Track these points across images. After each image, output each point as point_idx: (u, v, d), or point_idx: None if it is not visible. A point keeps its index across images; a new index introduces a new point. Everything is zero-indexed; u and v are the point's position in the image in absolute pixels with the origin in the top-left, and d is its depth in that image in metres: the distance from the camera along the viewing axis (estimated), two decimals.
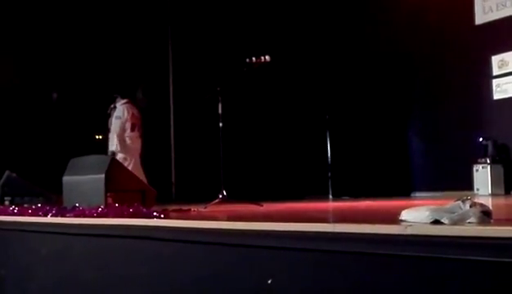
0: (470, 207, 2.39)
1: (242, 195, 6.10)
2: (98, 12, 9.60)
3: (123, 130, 7.99)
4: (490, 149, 8.53)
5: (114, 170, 5.24)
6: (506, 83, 8.65)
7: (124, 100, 8.14)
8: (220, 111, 6.32)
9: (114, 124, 8.02)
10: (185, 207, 5.19)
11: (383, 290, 2.30)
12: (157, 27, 10.26)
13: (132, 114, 8.07)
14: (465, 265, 2.05)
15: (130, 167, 7.74)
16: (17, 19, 9.13)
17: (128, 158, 7.89)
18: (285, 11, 10.32)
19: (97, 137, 9.52)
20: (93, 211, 4.43)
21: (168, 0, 10.37)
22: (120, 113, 8.05)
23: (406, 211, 2.61)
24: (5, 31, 9.02)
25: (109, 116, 8.24)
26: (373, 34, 10.09)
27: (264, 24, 10.09)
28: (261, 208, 5.53)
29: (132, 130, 8.03)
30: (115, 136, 7.92)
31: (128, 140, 7.99)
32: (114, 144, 7.97)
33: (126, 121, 8.04)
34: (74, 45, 9.44)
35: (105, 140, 8.86)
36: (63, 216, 4.51)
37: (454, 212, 2.36)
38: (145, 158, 8.30)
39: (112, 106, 8.22)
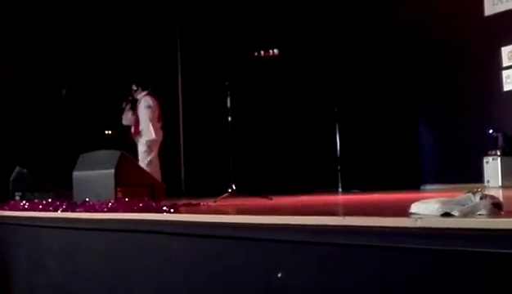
0: (481, 199, 2.38)
1: (251, 189, 6.10)
2: (107, 9, 9.60)
3: (155, 119, 7.93)
4: (500, 140, 8.48)
5: (124, 165, 5.26)
6: None
7: (145, 92, 8.09)
8: (229, 105, 6.31)
9: (145, 114, 7.87)
10: (194, 202, 5.21)
11: (393, 283, 2.30)
12: (165, 21, 10.25)
13: (157, 105, 8.04)
14: (476, 258, 2.04)
15: (152, 158, 7.78)
16: (26, 15, 9.15)
17: (154, 150, 7.89)
18: (293, 5, 10.28)
19: (107, 132, 9.55)
20: (103, 205, 4.45)
21: None
22: (149, 103, 7.93)
23: (415, 203, 2.60)
24: (14, 27, 9.04)
25: (123, 110, 8.18)
26: (382, 27, 10.05)
27: (272, 18, 10.06)
28: (270, 202, 5.53)
29: (159, 120, 8.01)
30: (150, 125, 7.83)
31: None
32: (151, 133, 7.84)
33: (155, 110, 7.98)
34: (83, 41, 9.45)
35: (115, 135, 8.86)
36: (73, 210, 4.54)
37: (464, 205, 2.35)
38: None
39: (130, 99, 8.15)
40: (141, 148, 7.87)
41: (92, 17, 9.53)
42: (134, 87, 8.10)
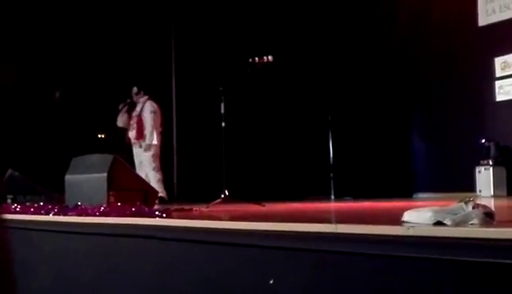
0: (473, 208, 2.38)
1: (244, 195, 6.09)
2: (101, 11, 9.60)
3: (159, 124, 7.93)
4: (492, 150, 8.51)
5: (117, 169, 5.25)
6: (509, 85, 8.62)
7: (147, 96, 8.06)
8: (222, 111, 6.32)
9: (151, 118, 7.86)
10: (187, 207, 5.19)
11: (385, 291, 2.30)
12: (160, 26, 10.25)
13: (160, 110, 8.04)
14: (468, 267, 2.05)
15: (158, 164, 7.78)
16: (20, 18, 9.13)
17: (159, 154, 7.91)
18: (288, 12, 10.31)
19: (100, 136, 9.53)
20: (95, 210, 4.44)
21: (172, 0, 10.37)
22: (155, 108, 7.94)
23: (408, 212, 2.60)
24: (8, 30, 9.02)
25: (118, 112, 8.16)
26: (376, 35, 10.08)
27: (267, 25, 10.08)
28: (263, 208, 5.52)
29: (161, 126, 8.01)
30: (154, 130, 7.83)
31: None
32: (155, 139, 7.84)
33: (159, 116, 7.97)
34: (76, 44, 9.44)
35: (108, 139, 8.83)
36: (65, 214, 4.52)
37: (456, 214, 2.35)
38: None
39: (129, 101, 8.11)
40: (147, 153, 7.87)
41: (85, 21, 9.52)
42: (135, 90, 8.07)
